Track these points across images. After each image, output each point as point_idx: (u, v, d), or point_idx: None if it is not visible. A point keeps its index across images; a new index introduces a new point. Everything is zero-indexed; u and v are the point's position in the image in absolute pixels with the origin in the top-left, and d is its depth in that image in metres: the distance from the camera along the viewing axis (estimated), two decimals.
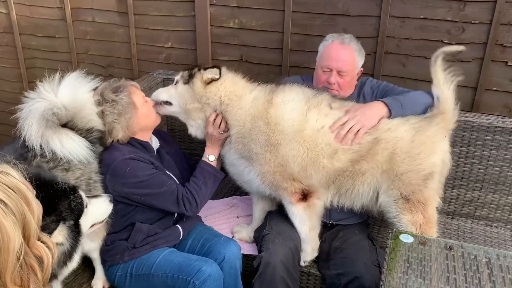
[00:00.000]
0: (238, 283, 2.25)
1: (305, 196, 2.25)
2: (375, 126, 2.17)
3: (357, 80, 2.56)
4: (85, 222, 1.71)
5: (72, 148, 2.00)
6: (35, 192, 1.25)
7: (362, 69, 2.52)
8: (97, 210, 1.80)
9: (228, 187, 3.18)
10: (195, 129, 2.36)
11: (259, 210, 2.61)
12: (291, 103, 2.20)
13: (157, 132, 2.44)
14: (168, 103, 2.35)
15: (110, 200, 1.85)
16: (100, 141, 2.20)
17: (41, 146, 1.97)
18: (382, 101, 2.22)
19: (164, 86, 3.33)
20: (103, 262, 2.27)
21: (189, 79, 2.30)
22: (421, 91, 2.34)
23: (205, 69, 2.28)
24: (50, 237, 1.47)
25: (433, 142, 2.18)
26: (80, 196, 1.67)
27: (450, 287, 1.57)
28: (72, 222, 1.61)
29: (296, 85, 2.31)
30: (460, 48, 2.34)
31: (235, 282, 2.24)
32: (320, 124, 2.18)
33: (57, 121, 2.04)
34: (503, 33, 2.65)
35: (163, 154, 2.40)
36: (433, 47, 2.79)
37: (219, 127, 2.26)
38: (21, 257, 1.13)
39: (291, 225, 2.36)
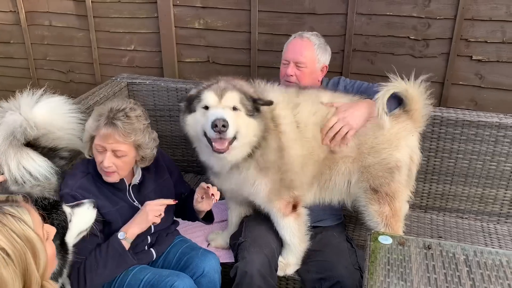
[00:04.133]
0: None
1: (294, 206, 2.26)
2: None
3: (325, 77, 2.56)
4: (71, 236, 1.67)
5: (31, 168, 1.94)
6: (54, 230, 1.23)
7: (326, 65, 2.51)
8: (82, 219, 1.74)
9: None
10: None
11: (235, 216, 2.56)
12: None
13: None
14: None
15: (93, 206, 1.79)
16: (65, 158, 2.14)
17: None
18: (371, 100, 2.22)
19: (128, 91, 3.24)
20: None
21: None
22: None
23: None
24: None
25: (397, 138, 2.24)
26: (63, 212, 1.61)
27: (431, 287, 1.56)
28: (58, 242, 1.56)
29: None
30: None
31: None
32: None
33: (23, 140, 1.99)
34: (467, 28, 2.70)
35: (143, 188, 2.18)
36: (400, 44, 2.85)
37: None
38: None
39: (267, 230, 2.33)
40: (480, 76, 2.79)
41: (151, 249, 2.21)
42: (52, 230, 1.27)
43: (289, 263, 2.34)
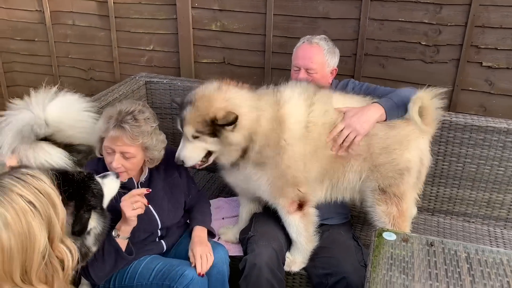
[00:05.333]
0: (225, 287, 2.23)
1: (301, 205, 2.29)
2: None
3: (335, 79, 2.62)
4: (105, 203, 1.83)
5: (49, 160, 2.01)
6: (61, 197, 1.35)
7: (336, 68, 2.57)
8: (110, 187, 1.88)
9: (212, 189, 3.20)
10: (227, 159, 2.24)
11: (246, 212, 2.62)
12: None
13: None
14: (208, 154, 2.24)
15: (116, 177, 1.92)
16: (83, 152, 2.21)
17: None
18: (380, 104, 2.25)
19: (146, 89, 3.36)
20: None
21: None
22: (407, 88, 2.37)
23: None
24: (87, 225, 1.65)
25: (408, 140, 2.27)
26: (98, 182, 1.75)
27: (432, 282, 1.62)
28: (99, 208, 1.74)
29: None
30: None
31: (222, 287, 2.22)
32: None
33: (34, 137, 2.05)
34: (477, 35, 2.75)
35: (151, 186, 2.19)
36: (411, 49, 2.91)
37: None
38: (46, 256, 1.23)
39: (276, 226, 2.39)
40: (489, 82, 2.84)
41: (162, 240, 2.29)
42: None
43: (295, 260, 2.39)
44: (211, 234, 2.38)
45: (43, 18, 3.82)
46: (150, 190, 2.08)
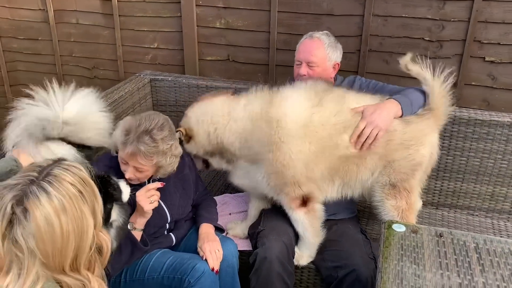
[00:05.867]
0: (235, 281, 2.27)
1: (304, 202, 2.31)
2: None
3: (339, 75, 2.66)
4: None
5: (58, 154, 1.94)
6: None
7: (338, 62, 2.59)
8: (124, 191, 1.91)
9: (218, 185, 3.23)
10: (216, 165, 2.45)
11: (255, 208, 2.65)
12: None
13: None
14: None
15: (126, 183, 1.93)
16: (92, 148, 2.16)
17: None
18: (395, 99, 2.27)
19: (151, 87, 3.38)
20: None
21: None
22: (416, 88, 2.40)
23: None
24: (111, 215, 1.75)
25: (424, 135, 2.30)
26: (115, 180, 1.82)
27: (443, 271, 1.65)
28: (120, 201, 1.82)
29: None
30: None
31: (232, 280, 2.25)
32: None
33: (43, 136, 1.95)
34: (480, 30, 2.78)
35: (164, 182, 2.23)
36: (415, 45, 2.94)
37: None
38: (94, 243, 1.29)
39: (285, 220, 2.41)
40: (492, 77, 2.87)
41: (171, 233, 2.33)
42: None
43: (302, 255, 2.42)
44: (220, 230, 2.41)
45: (47, 17, 3.82)
46: (164, 183, 2.13)
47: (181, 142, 2.30)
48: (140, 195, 2.05)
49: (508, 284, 1.58)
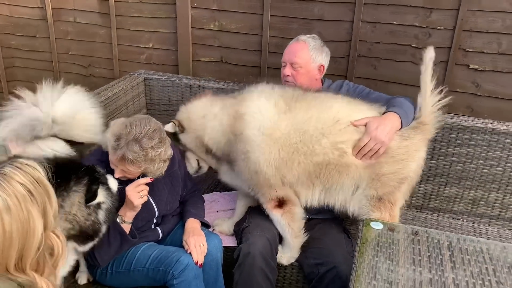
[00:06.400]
0: (219, 274, 2.32)
1: (281, 204, 2.36)
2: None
3: (328, 79, 2.73)
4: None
5: (53, 148, 2.04)
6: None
7: (323, 64, 2.63)
8: (112, 184, 2.00)
9: (208, 183, 3.28)
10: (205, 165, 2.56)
11: (241, 206, 2.71)
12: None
13: None
14: (199, 164, 2.58)
15: (114, 178, 2.06)
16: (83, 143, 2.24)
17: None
18: (395, 113, 2.28)
19: (145, 86, 3.44)
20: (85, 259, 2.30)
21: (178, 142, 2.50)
22: (405, 99, 2.41)
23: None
24: (97, 194, 1.84)
25: (415, 150, 2.32)
26: (100, 169, 1.94)
27: (415, 267, 1.71)
28: (106, 185, 1.92)
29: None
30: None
31: (216, 274, 2.30)
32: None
33: (31, 137, 2.02)
34: (465, 39, 2.86)
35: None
36: (402, 51, 3.02)
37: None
38: (42, 245, 1.26)
39: (270, 218, 2.45)
40: (476, 84, 2.95)
41: (158, 228, 2.38)
42: None
43: (284, 255, 2.46)
44: (206, 226, 2.46)
45: (45, 15, 3.90)
46: (153, 179, 2.18)
47: (175, 135, 2.42)
48: (130, 190, 2.10)
49: (477, 281, 1.65)
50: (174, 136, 2.45)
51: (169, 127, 2.41)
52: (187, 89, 3.34)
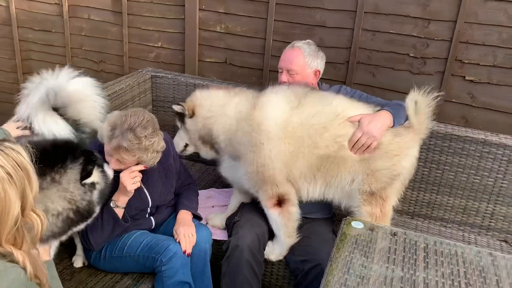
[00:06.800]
0: (206, 264, 2.40)
1: (280, 202, 2.42)
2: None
3: (325, 83, 2.80)
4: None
5: (53, 129, 2.18)
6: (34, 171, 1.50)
7: (319, 69, 2.71)
8: (108, 172, 2.09)
9: (206, 180, 3.38)
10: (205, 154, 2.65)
11: (235, 202, 2.79)
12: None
13: None
14: (186, 145, 2.66)
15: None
16: (87, 133, 2.37)
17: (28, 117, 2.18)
18: (388, 111, 2.38)
19: (152, 83, 3.57)
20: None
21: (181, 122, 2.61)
22: (400, 102, 2.49)
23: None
24: (91, 175, 1.94)
25: (407, 147, 2.41)
26: (97, 155, 2.05)
27: (389, 265, 1.76)
28: (101, 168, 2.02)
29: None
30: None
31: (204, 264, 2.39)
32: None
33: (50, 105, 2.21)
34: (462, 50, 2.91)
35: (147, 170, 2.35)
36: (400, 60, 3.09)
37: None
38: (18, 222, 1.36)
39: (261, 214, 2.54)
40: (471, 95, 2.99)
41: (151, 217, 2.47)
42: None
43: (273, 251, 2.53)
44: (198, 218, 2.55)
45: (61, 11, 4.06)
46: (147, 166, 2.27)
47: (182, 117, 2.55)
48: (124, 175, 2.20)
49: (446, 281, 1.70)
50: (179, 117, 2.60)
51: (178, 108, 2.54)
52: (192, 87, 3.43)
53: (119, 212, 2.27)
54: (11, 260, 1.36)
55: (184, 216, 2.44)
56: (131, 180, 2.21)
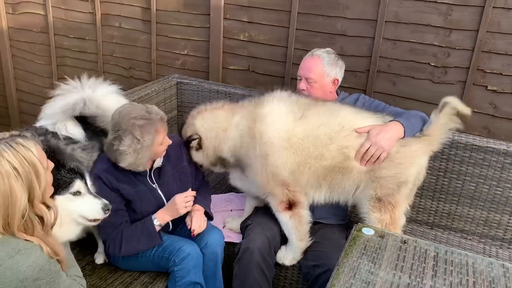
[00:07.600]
0: (218, 267, 2.46)
1: (290, 206, 2.45)
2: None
3: (344, 91, 2.83)
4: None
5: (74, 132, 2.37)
6: (52, 165, 1.63)
7: (337, 78, 2.73)
8: (87, 205, 1.96)
9: (226, 184, 3.43)
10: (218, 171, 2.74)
11: (250, 206, 2.86)
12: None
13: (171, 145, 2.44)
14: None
15: (102, 208, 1.96)
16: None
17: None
18: (399, 122, 2.38)
19: (177, 89, 3.69)
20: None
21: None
22: (417, 112, 2.52)
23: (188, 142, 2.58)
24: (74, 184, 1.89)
25: (414, 156, 2.42)
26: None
27: (396, 272, 1.77)
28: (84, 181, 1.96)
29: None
30: (466, 111, 2.46)
31: (215, 267, 2.45)
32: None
33: (81, 112, 2.39)
34: (484, 60, 2.87)
35: (163, 172, 2.45)
36: (421, 69, 3.07)
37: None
38: (26, 214, 1.49)
39: (273, 218, 2.58)
40: (494, 105, 2.94)
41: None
42: (51, 165, 1.66)
43: (286, 256, 2.57)
44: (209, 218, 2.58)
45: (94, 19, 4.25)
46: (196, 193, 2.46)
47: (189, 147, 2.56)
48: (179, 198, 2.33)
49: None
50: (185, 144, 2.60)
51: (195, 143, 2.56)
52: (215, 94, 3.55)
53: (158, 229, 2.35)
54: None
55: (199, 208, 2.50)
56: (184, 204, 2.33)
